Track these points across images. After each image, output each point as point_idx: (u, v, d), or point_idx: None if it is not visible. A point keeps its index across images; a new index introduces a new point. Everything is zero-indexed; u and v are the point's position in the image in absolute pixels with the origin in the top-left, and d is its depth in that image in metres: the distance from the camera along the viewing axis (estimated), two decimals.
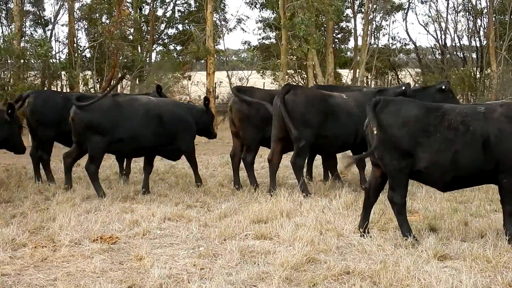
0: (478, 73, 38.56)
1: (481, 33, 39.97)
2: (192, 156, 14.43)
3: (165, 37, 40.52)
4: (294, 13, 31.66)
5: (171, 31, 40.52)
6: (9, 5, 35.37)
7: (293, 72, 39.07)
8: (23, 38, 33.01)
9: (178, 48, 39.79)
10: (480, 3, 41.12)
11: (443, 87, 15.17)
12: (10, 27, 34.35)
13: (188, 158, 14.45)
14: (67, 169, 13.88)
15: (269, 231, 9.88)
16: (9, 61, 31.24)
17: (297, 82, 38.46)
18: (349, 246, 9.22)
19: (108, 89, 20.60)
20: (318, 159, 17.10)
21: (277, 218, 10.74)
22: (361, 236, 9.62)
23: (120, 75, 32.28)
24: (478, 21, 40.20)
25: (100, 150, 13.24)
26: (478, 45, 40.56)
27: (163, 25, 39.62)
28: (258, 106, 13.77)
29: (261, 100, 13.75)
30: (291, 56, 34.57)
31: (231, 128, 14.22)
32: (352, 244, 9.28)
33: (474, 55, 40.83)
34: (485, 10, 38.87)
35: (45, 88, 32.83)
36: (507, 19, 37.32)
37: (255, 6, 39.77)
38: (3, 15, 36.43)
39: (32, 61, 32.27)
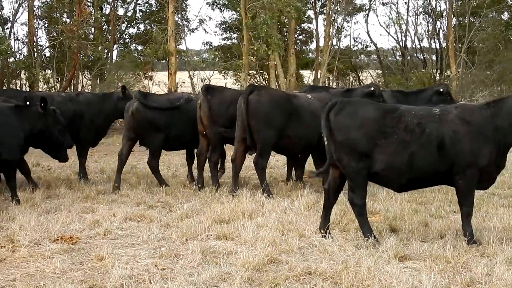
0: (438, 75, 38.80)
1: (441, 35, 40.27)
2: None
3: (126, 37, 40.35)
4: (255, 14, 31.65)
5: (133, 31, 40.37)
6: None
7: (255, 72, 39.04)
8: None
9: (140, 47, 39.61)
10: (440, 6, 41.29)
11: (441, 89, 15.20)
12: None
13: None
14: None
15: (231, 232, 9.89)
16: None
17: (259, 82, 38.44)
18: (311, 247, 9.26)
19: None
20: (280, 160, 17.21)
21: (239, 218, 10.75)
22: (322, 236, 9.66)
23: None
24: (438, 23, 40.49)
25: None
26: (438, 47, 40.88)
27: (124, 25, 39.44)
28: (227, 105, 13.75)
29: (231, 99, 13.70)
30: (253, 57, 34.55)
31: (198, 126, 14.09)
32: (313, 244, 9.32)
33: (434, 57, 41.11)
34: (445, 13, 39.21)
35: (4, 87, 32.49)
36: (466, 21, 37.63)
37: (217, 7, 39.72)
38: None
39: None
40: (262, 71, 39.09)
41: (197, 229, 10.07)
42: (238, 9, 34.51)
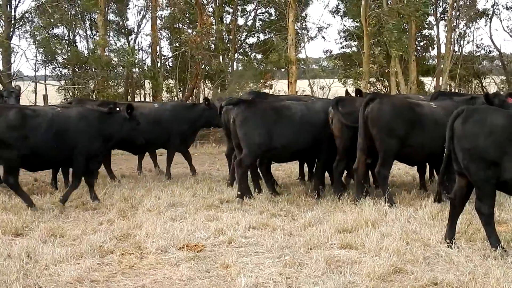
0: None
1: None
2: None
3: (246, 46, 40.72)
4: (377, 21, 31.48)
5: (252, 40, 40.72)
6: (93, 15, 36.00)
7: (375, 80, 38.70)
8: (107, 48, 33.61)
9: (259, 57, 39.90)
10: None
11: None
12: (95, 37, 34.95)
13: None
14: None
15: (355, 241, 9.84)
16: (95, 70, 31.87)
17: (379, 90, 38.08)
18: (436, 257, 9.12)
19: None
20: (402, 168, 17.03)
21: (362, 227, 10.67)
22: (448, 246, 9.49)
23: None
24: None
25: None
26: None
27: (244, 34, 39.84)
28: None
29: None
30: (373, 65, 34.25)
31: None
32: (439, 254, 9.18)
33: None
34: None
35: (129, 98, 33.36)
36: None
37: (337, 14, 39.67)
38: (88, 25, 37.09)
39: (119, 69, 32.85)
40: (382, 79, 38.72)
41: (320, 238, 10.04)
42: (358, 17, 34.33)
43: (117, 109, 14.35)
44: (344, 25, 40.76)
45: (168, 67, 35.92)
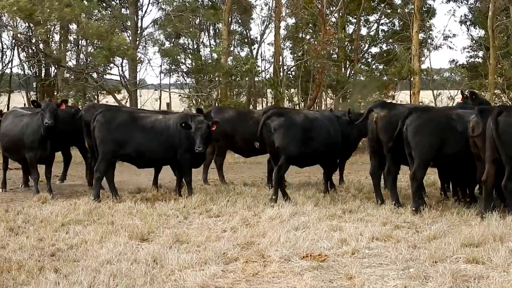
0: None
1: None
2: None
3: (369, 56, 40.53)
4: (505, 32, 30.81)
5: (375, 50, 40.50)
6: (217, 25, 36.60)
7: (500, 92, 37.77)
8: (230, 57, 34.11)
9: (380, 67, 39.64)
10: None
11: None
12: (219, 46, 35.53)
13: None
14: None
15: (481, 255, 9.55)
16: (217, 78, 32.36)
17: (504, 102, 37.14)
18: None
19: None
20: None
21: (489, 242, 10.36)
22: None
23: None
24: None
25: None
26: None
27: (366, 44, 39.69)
28: None
29: None
30: (499, 77, 33.50)
31: (474, 150, 13.65)
32: None
33: None
34: None
35: (251, 106, 33.69)
36: None
37: (465, 24, 39.02)
38: (211, 34, 37.73)
39: (238, 78, 33.22)
40: (508, 91, 37.77)
41: (445, 251, 9.83)
42: (485, 27, 33.69)
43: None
44: (470, 35, 40.08)
45: (291, 76, 36.12)
